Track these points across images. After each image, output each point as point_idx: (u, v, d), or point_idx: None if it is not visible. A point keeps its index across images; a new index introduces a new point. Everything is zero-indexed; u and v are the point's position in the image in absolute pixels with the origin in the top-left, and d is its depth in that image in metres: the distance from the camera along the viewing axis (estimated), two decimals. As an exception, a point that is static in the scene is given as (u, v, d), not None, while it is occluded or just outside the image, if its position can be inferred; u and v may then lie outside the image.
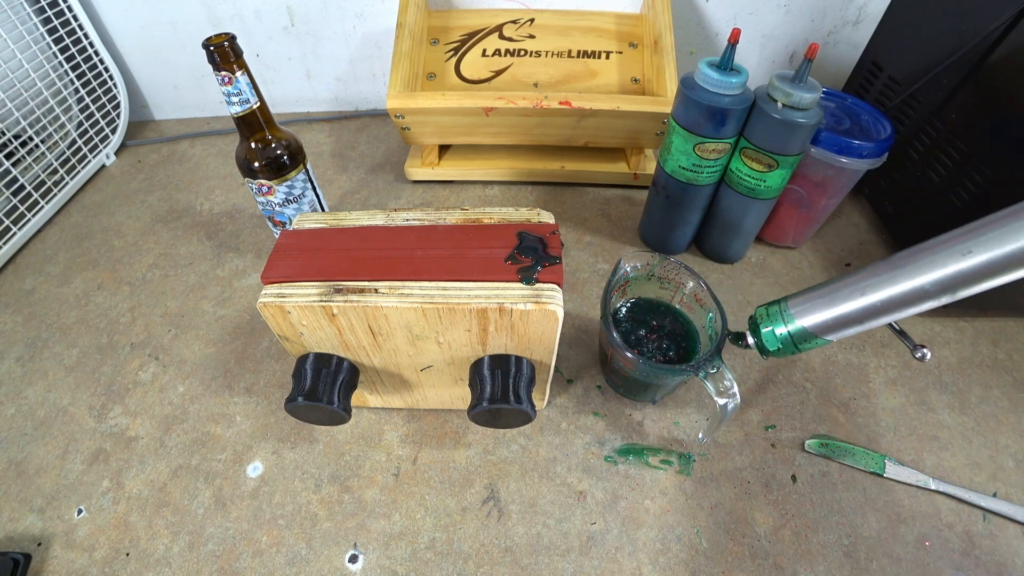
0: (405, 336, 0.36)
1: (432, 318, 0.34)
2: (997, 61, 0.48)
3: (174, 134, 0.82)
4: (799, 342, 0.36)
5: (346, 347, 0.37)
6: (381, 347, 0.37)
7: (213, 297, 0.57)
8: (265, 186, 0.50)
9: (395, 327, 0.35)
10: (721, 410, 0.38)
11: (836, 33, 0.77)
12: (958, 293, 0.29)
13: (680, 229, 0.58)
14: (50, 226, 0.67)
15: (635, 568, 0.39)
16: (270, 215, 0.54)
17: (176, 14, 0.75)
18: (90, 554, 0.40)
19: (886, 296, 0.31)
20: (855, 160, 0.50)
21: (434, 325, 0.35)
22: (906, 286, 0.30)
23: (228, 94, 0.45)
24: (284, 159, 0.50)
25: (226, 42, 0.43)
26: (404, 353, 0.38)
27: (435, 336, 0.36)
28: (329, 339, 0.36)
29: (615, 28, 0.70)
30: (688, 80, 0.48)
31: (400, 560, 0.39)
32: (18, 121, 0.63)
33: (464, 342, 0.36)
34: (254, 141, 0.49)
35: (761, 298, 0.57)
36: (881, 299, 0.32)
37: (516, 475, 0.44)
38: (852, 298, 0.33)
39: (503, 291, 0.33)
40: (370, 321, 0.34)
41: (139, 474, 0.44)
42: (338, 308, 0.33)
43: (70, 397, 0.49)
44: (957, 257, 0.28)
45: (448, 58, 0.68)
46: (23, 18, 0.64)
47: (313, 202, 0.55)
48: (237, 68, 0.44)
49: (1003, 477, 0.43)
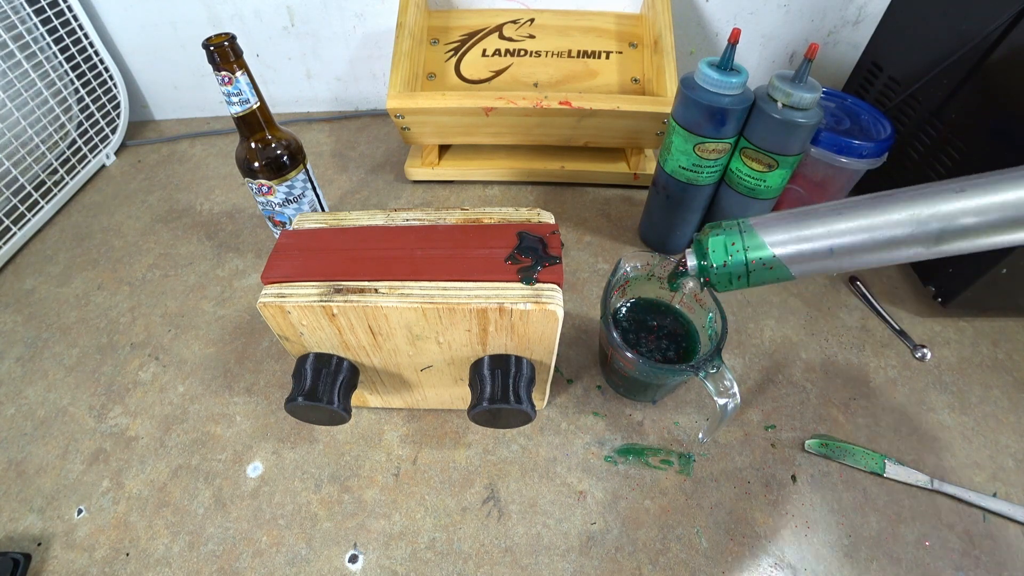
0: (405, 336, 0.36)
1: (432, 318, 0.34)
2: (997, 61, 0.48)
3: (174, 134, 0.82)
4: (753, 263, 0.28)
5: (346, 347, 0.37)
6: (381, 347, 0.37)
7: (213, 297, 0.57)
8: (265, 186, 0.50)
9: (395, 327, 0.35)
10: (721, 410, 0.38)
11: (836, 33, 0.77)
12: (941, 244, 0.25)
13: (680, 229, 0.58)
14: (50, 226, 0.67)
15: (635, 568, 0.39)
16: (270, 215, 0.54)
17: (176, 14, 0.75)
18: (90, 554, 0.40)
19: (864, 224, 0.26)
20: (855, 160, 0.50)
21: (434, 325, 0.35)
22: (888, 217, 0.26)
23: (228, 94, 0.45)
24: (284, 159, 0.50)
25: (226, 42, 0.43)
26: (404, 353, 0.38)
27: (435, 336, 0.36)
28: (329, 339, 0.36)
29: (615, 28, 0.70)
30: (688, 80, 0.48)
31: (400, 560, 0.39)
32: (18, 121, 0.63)
33: (464, 342, 0.36)
34: (254, 141, 0.49)
35: (761, 298, 0.57)
36: (857, 226, 0.26)
37: (516, 475, 0.44)
38: (825, 219, 0.27)
39: (503, 291, 0.33)
40: (370, 321, 0.34)
41: (139, 474, 0.44)
42: (338, 308, 0.33)
43: (70, 397, 0.49)
44: (948, 195, 0.25)
45: (448, 58, 0.68)
46: (23, 18, 0.64)
47: (313, 202, 0.55)
48: (237, 68, 0.44)
49: (1003, 477, 0.43)
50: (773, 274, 0.28)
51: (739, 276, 0.28)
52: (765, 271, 0.27)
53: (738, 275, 0.28)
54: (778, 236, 0.28)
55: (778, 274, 0.28)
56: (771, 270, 0.27)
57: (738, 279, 0.28)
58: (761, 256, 0.27)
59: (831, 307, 0.56)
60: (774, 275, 0.28)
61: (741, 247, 0.28)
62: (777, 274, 0.28)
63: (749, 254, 0.28)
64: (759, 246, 0.27)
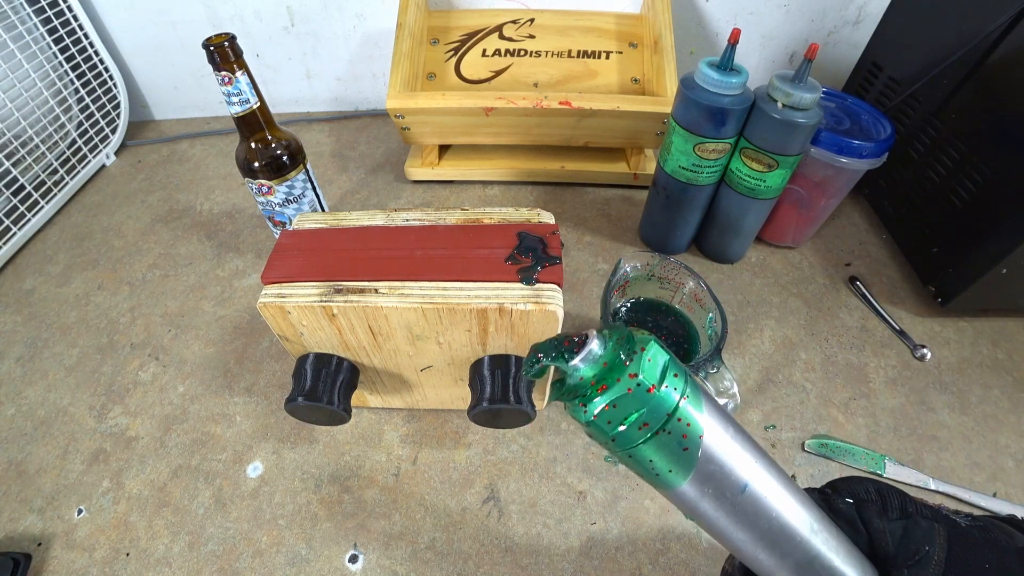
0: (405, 336, 0.36)
1: (432, 318, 0.34)
2: (997, 61, 0.48)
3: (174, 134, 0.82)
4: (678, 420, 0.18)
5: (346, 347, 0.37)
6: (381, 347, 0.37)
7: (213, 297, 0.57)
8: (265, 186, 0.50)
9: (395, 327, 0.35)
10: (721, 410, 0.37)
11: (836, 33, 0.77)
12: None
13: (680, 229, 0.58)
14: (50, 226, 0.67)
15: (635, 568, 0.39)
16: (270, 215, 0.54)
17: (176, 14, 0.75)
18: (90, 554, 0.40)
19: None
20: (855, 160, 0.50)
21: (434, 325, 0.35)
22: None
23: (228, 94, 0.45)
24: (284, 159, 0.50)
25: (226, 42, 0.43)
26: (404, 353, 0.38)
27: (435, 336, 0.36)
28: (329, 339, 0.36)
29: (615, 28, 0.70)
30: (688, 80, 0.48)
31: (400, 560, 0.39)
32: (18, 121, 0.63)
33: (464, 342, 0.36)
34: (254, 141, 0.49)
35: (761, 298, 0.57)
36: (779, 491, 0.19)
37: (516, 475, 0.44)
38: (757, 454, 0.19)
39: (503, 291, 0.33)
40: (370, 321, 0.34)
41: (139, 474, 0.44)
42: (338, 308, 0.33)
43: (70, 397, 0.49)
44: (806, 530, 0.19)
45: (448, 58, 0.68)
46: (23, 18, 0.64)
47: (313, 202, 0.55)
48: (237, 68, 0.44)
49: (1003, 477, 0.43)
50: (674, 460, 0.18)
51: (643, 425, 0.18)
52: (672, 447, 0.18)
53: (643, 423, 0.18)
54: (713, 420, 0.18)
55: (675, 467, 0.18)
56: (683, 451, 0.18)
57: (639, 429, 0.18)
58: (690, 421, 0.18)
59: (831, 307, 0.56)
60: (672, 463, 0.18)
61: (681, 388, 0.18)
62: (674, 464, 0.18)
63: (683, 404, 0.18)
64: (697, 406, 0.18)
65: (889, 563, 0.20)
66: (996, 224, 0.48)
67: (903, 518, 0.21)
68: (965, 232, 0.51)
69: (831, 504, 0.22)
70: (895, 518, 0.21)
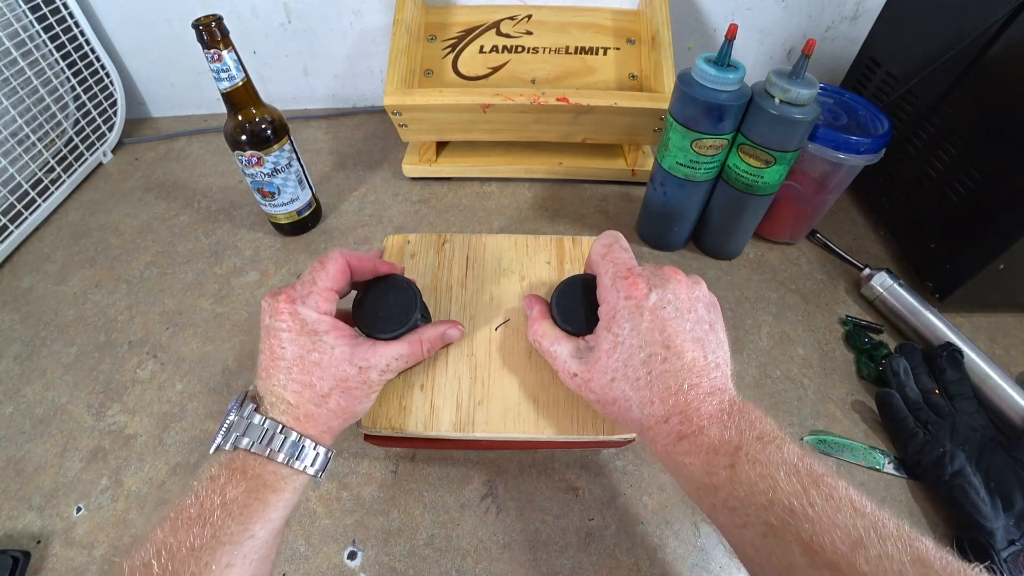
0: (494, 269, 0.41)
1: (520, 247, 0.43)
2: (995, 57, 0.48)
3: (171, 131, 0.82)
4: None
5: (435, 289, 0.41)
6: (467, 287, 0.41)
7: (211, 295, 0.57)
8: (255, 157, 0.53)
9: (489, 257, 0.42)
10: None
11: (834, 28, 0.77)
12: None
13: (678, 225, 0.58)
14: (47, 224, 0.66)
15: (633, 564, 0.39)
16: (259, 187, 0.57)
17: (172, 11, 0.74)
18: (89, 552, 0.40)
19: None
20: (853, 156, 0.50)
21: (520, 257, 0.42)
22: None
23: (217, 71, 0.49)
24: (269, 133, 0.54)
25: (213, 22, 0.46)
26: (487, 295, 0.40)
27: (519, 270, 0.41)
28: (426, 271, 0.42)
29: (613, 24, 0.69)
30: (685, 76, 0.48)
31: (399, 556, 0.39)
32: (15, 119, 0.63)
33: (543, 278, 0.41)
34: (242, 115, 0.52)
35: (758, 293, 0.57)
36: None
37: (514, 471, 0.44)
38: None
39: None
40: (470, 251, 0.42)
41: (138, 472, 0.44)
42: (448, 238, 0.43)
43: (68, 395, 0.49)
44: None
45: (445, 55, 0.68)
46: (19, 15, 0.64)
47: (299, 172, 0.59)
48: (224, 47, 0.48)
49: (999, 472, 0.44)
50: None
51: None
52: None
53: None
54: None
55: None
56: None
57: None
58: None
59: (829, 303, 0.56)
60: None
61: None
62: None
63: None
64: None
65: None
66: (994, 220, 0.48)
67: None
68: (963, 228, 0.51)
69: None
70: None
